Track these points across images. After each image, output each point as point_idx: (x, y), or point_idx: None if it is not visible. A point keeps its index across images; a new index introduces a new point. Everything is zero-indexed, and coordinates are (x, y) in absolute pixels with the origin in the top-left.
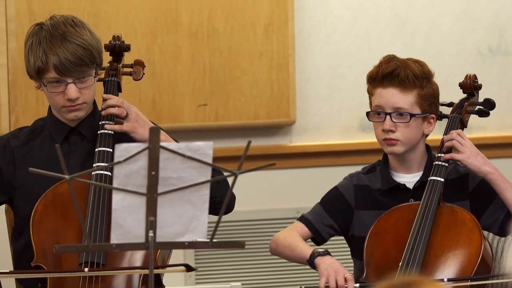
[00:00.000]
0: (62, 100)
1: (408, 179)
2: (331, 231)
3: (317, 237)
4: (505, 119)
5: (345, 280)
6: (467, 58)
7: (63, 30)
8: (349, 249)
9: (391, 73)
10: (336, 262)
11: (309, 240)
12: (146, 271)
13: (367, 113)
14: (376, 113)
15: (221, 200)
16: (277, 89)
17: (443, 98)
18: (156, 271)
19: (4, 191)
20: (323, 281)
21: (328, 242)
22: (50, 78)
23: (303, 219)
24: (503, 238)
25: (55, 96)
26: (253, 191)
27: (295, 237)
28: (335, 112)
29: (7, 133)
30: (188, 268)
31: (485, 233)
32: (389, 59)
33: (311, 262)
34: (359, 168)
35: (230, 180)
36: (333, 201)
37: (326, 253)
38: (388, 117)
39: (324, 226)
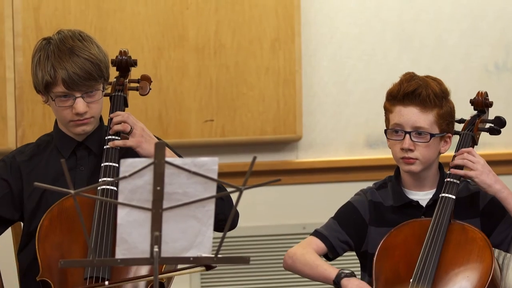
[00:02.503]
0: (70, 115)
1: (421, 196)
2: (346, 247)
3: (332, 253)
4: None
5: None
6: (474, 75)
7: (71, 44)
8: (354, 263)
9: (412, 92)
10: (363, 283)
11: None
12: (168, 275)
13: (385, 131)
14: (394, 131)
15: (224, 218)
16: (283, 105)
17: None
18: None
19: (16, 208)
20: None
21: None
22: (58, 92)
23: (318, 234)
24: (508, 255)
25: (63, 111)
26: (259, 207)
27: (313, 255)
28: (341, 128)
29: (12, 150)
30: (207, 267)
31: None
32: (410, 78)
33: (337, 282)
34: (365, 185)
35: (235, 196)
36: (348, 216)
37: (352, 274)
38: (407, 136)
39: (339, 242)
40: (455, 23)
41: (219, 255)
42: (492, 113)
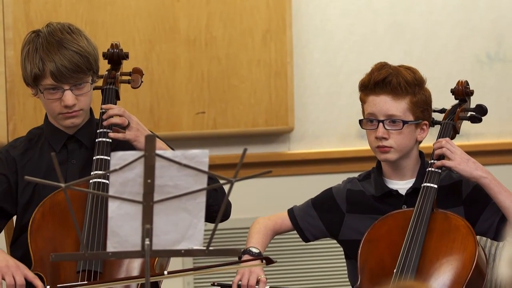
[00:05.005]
0: (58, 107)
1: (401, 185)
2: (316, 232)
3: (299, 234)
4: (503, 126)
5: (258, 281)
6: (466, 65)
7: (60, 37)
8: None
9: (383, 80)
10: (256, 270)
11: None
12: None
13: (360, 121)
14: (368, 121)
15: (218, 208)
16: (275, 97)
17: (442, 105)
18: (233, 267)
19: (14, 202)
20: (237, 278)
21: (324, 244)
22: (46, 85)
23: (290, 212)
24: (500, 245)
25: (52, 103)
26: (252, 199)
27: (263, 227)
28: (333, 120)
29: (3, 146)
30: (268, 261)
31: (483, 239)
32: (381, 67)
33: (239, 257)
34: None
35: (226, 187)
36: (324, 203)
37: (256, 255)
38: (381, 124)
39: (309, 225)
40: (447, 14)
41: (210, 248)
42: (485, 104)
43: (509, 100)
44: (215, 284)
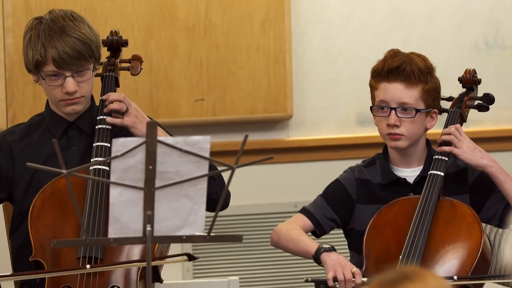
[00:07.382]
0: (60, 94)
1: (409, 173)
2: (333, 224)
3: (319, 230)
4: (502, 112)
5: (353, 274)
6: (464, 52)
7: (62, 23)
8: (344, 241)
9: (397, 68)
10: (342, 257)
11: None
12: (144, 264)
13: (371, 108)
14: (380, 108)
15: (217, 197)
16: (274, 84)
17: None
18: (155, 262)
19: (4, 188)
20: (331, 275)
21: (327, 237)
22: (48, 72)
23: (305, 211)
24: (500, 231)
25: (53, 90)
26: (251, 186)
27: (298, 231)
28: (332, 106)
29: (3, 130)
30: (190, 257)
31: (483, 225)
32: (394, 54)
33: (317, 257)
34: (355, 162)
35: (227, 174)
36: (335, 194)
37: (332, 249)
38: (393, 112)
39: (326, 219)
40: (445, 1)
41: (211, 234)
42: (482, 90)
43: (508, 87)
44: (309, 280)
